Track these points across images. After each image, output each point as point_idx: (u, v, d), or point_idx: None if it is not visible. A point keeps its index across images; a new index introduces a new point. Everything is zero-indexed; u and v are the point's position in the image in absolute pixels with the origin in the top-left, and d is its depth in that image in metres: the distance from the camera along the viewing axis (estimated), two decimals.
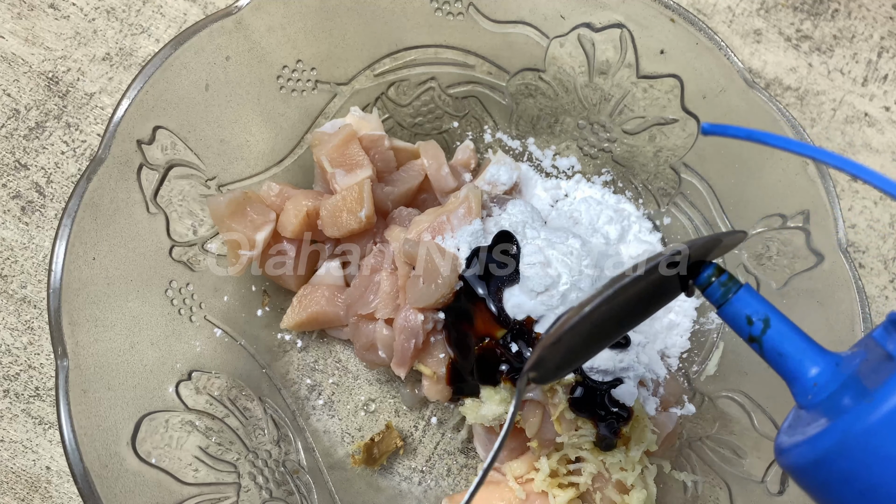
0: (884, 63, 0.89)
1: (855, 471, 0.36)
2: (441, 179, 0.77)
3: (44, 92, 0.83)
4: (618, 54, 0.73)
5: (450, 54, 0.77)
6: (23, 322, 0.77)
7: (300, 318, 0.74)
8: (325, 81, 0.75)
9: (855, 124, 0.88)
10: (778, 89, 0.88)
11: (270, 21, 0.69)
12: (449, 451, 0.77)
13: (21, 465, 0.74)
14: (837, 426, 0.37)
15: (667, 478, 0.72)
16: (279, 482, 0.70)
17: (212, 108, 0.69)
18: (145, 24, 0.85)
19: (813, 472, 0.39)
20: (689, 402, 0.73)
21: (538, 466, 0.68)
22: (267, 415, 0.72)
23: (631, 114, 0.76)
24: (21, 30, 0.84)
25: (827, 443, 0.38)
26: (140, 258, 0.66)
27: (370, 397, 0.78)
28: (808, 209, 0.67)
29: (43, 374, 0.76)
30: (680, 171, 0.76)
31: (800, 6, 0.91)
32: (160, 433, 0.64)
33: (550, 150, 0.83)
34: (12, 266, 0.78)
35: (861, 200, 0.85)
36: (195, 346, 0.69)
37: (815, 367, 0.42)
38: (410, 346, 0.67)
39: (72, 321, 0.60)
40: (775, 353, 0.44)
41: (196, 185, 0.70)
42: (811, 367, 0.42)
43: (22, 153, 0.81)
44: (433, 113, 0.82)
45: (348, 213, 0.71)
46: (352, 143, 0.73)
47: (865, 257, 0.84)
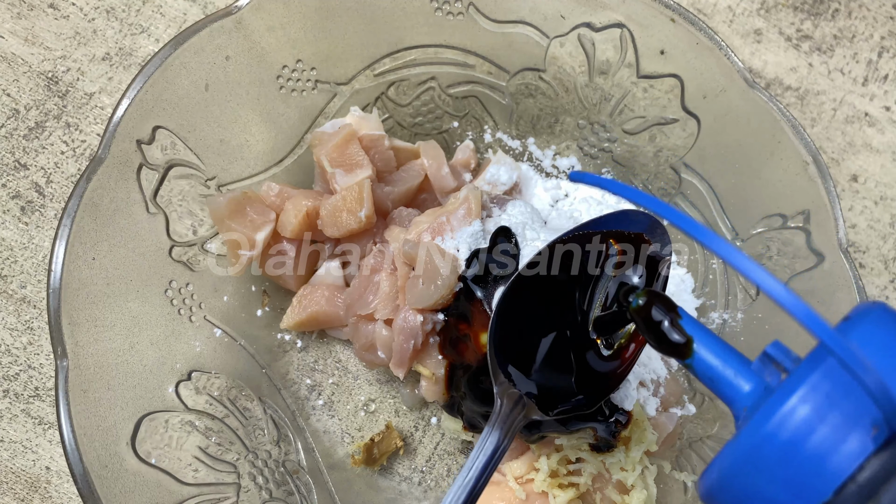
0: (884, 63, 0.89)
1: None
2: (441, 179, 0.77)
3: (43, 92, 0.83)
4: (618, 54, 0.73)
5: (450, 54, 0.77)
6: (22, 322, 0.77)
7: (300, 318, 0.74)
8: (325, 81, 0.75)
9: (855, 124, 0.88)
10: (778, 89, 0.88)
11: (270, 21, 0.69)
12: (449, 452, 0.77)
13: (21, 465, 0.74)
14: (715, 460, 0.39)
15: (667, 478, 0.72)
16: (279, 482, 0.70)
17: (211, 108, 0.69)
18: (145, 24, 0.85)
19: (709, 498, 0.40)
20: (690, 402, 0.73)
21: (538, 466, 0.68)
22: (267, 415, 0.72)
23: (631, 114, 0.76)
24: (21, 30, 0.84)
25: (711, 474, 0.39)
26: (140, 258, 0.66)
27: (370, 397, 0.78)
28: (809, 209, 0.67)
29: (43, 374, 0.76)
30: (680, 171, 0.76)
31: (800, 6, 0.91)
32: (160, 433, 0.64)
33: (550, 150, 0.83)
34: (12, 266, 0.78)
35: (861, 200, 0.85)
36: (195, 346, 0.69)
37: (747, 385, 0.42)
38: (409, 346, 0.67)
39: (71, 321, 0.60)
40: (706, 378, 0.43)
41: (196, 185, 0.70)
42: (744, 386, 0.42)
43: (22, 153, 0.81)
44: (433, 113, 0.81)
45: (348, 213, 0.71)
46: (352, 143, 0.72)
47: (866, 257, 0.84)
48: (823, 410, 0.35)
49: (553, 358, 0.58)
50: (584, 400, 0.58)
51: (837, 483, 0.34)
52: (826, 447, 0.34)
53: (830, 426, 0.34)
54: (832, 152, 0.87)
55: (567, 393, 0.58)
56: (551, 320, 0.58)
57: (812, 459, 0.34)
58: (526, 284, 0.58)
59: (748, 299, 0.73)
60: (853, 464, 0.34)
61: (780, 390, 0.37)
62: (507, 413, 0.54)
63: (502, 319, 0.57)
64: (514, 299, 0.58)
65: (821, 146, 0.86)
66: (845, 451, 0.34)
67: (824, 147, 0.87)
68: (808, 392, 0.36)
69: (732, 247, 0.36)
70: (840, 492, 0.34)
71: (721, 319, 0.75)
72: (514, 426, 0.53)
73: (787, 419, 0.35)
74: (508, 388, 0.55)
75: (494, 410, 0.54)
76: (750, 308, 0.73)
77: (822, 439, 0.34)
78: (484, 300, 0.65)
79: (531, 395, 0.56)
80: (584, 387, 0.58)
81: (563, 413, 0.57)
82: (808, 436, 0.35)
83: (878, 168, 0.86)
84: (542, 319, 0.58)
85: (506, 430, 0.52)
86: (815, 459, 0.34)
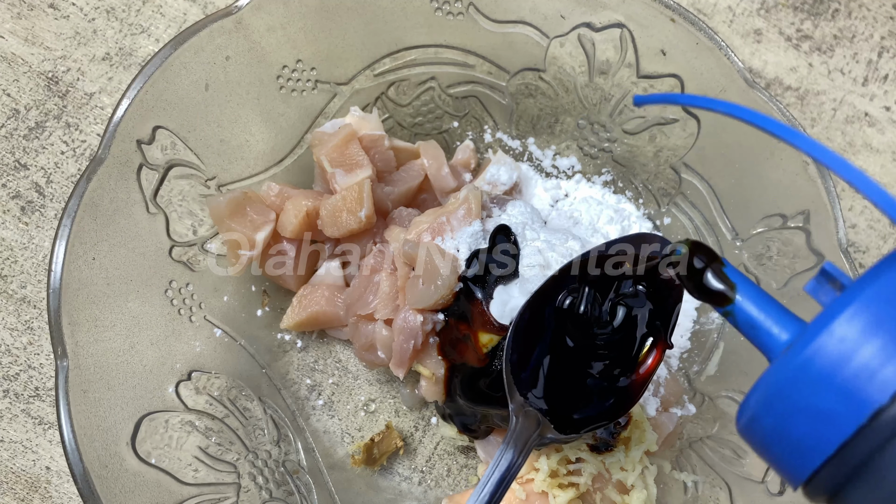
0: (884, 63, 0.89)
1: (775, 425, 0.38)
2: (441, 179, 0.77)
3: (44, 92, 0.83)
4: (618, 54, 0.73)
5: (450, 54, 0.77)
6: (23, 322, 0.77)
7: (300, 318, 0.74)
8: (325, 81, 0.75)
9: (855, 124, 0.88)
10: (778, 89, 0.88)
11: (270, 21, 0.69)
12: (449, 452, 0.77)
13: (21, 465, 0.74)
14: (761, 380, 0.38)
15: (667, 478, 0.72)
16: (279, 482, 0.70)
17: (212, 108, 0.69)
18: (145, 24, 0.85)
19: (749, 429, 0.40)
20: (690, 402, 0.73)
21: (538, 466, 0.68)
22: (267, 415, 0.72)
23: (631, 113, 0.76)
24: (21, 30, 0.84)
25: (754, 395, 0.39)
26: (140, 258, 0.66)
27: (370, 397, 0.78)
28: (809, 209, 0.67)
29: (43, 374, 0.76)
30: (680, 171, 0.76)
31: (800, 6, 0.91)
32: (160, 433, 0.64)
33: (550, 150, 0.83)
34: (12, 266, 0.78)
35: (861, 200, 0.85)
36: (195, 346, 0.69)
37: (786, 334, 0.42)
38: (409, 346, 0.67)
39: (71, 321, 0.60)
40: (747, 326, 0.44)
41: (196, 185, 0.70)
42: (782, 335, 0.42)
43: (22, 153, 0.81)
44: (433, 113, 0.81)
45: (348, 213, 0.71)
46: (352, 143, 0.72)
47: (866, 257, 0.84)
48: (882, 318, 0.35)
49: (568, 376, 0.58)
50: (599, 418, 0.58)
51: (893, 389, 0.33)
52: (884, 354, 0.34)
53: (888, 333, 0.34)
54: None
55: (582, 411, 0.58)
56: (567, 338, 0.58)
57: (868, 366, 0.34)
58: (542, 302, 0.58)
59: None
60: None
61: (838, 301, 0.37)
62: (522, 431, 0.54)
63: (518, 337, 0.57)
64: (530, 317, 0.58)
65: None
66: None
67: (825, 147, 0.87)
68: (869, 299, 0.36)
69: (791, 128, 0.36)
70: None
71: (721, 319, 0.75)
72: (529, 444, 0.53)
73: (843, 326, 0.35)
74: (524, 407, 0.55)
75: (510, 428, 0.54)
76: None
77: (880, 347, 0.34)
78: (484, 300, 0.65)
79: (546, 412, 0.56)
80: (598, 405, 0.58)
81: (577, 431, 0.57)
82: (865, 343, 0.35)
83: (878, 168, 0.86)
84: (558, 337, 0.58)
85: (520, 447, 0.53)
86: (871, 366, 0.34)
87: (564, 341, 0.58)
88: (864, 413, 0.34)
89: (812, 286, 0.41)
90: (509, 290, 0.65)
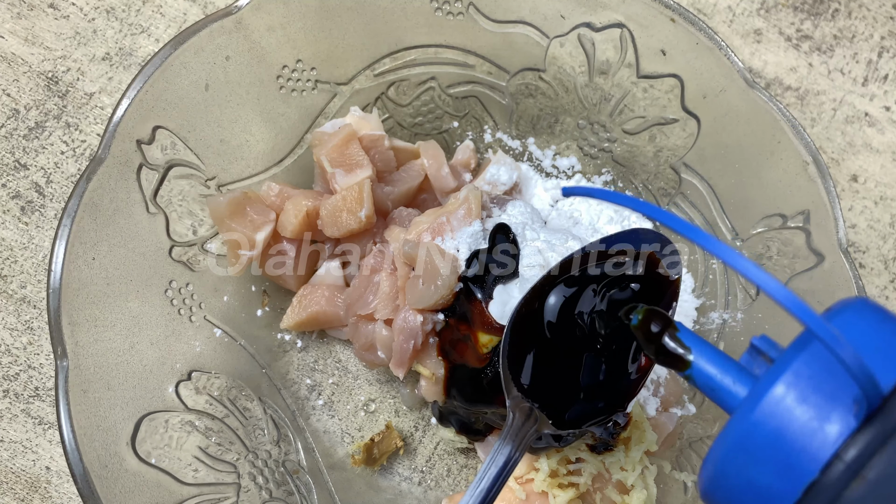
0: (884, 63, 0.89)
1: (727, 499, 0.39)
2: (441, 179, 0.77)
3: (43, 92, 0.83)
4: (618, 54, 0.73)
5: (450, 54, 0.77)
6: (22, 322, 0.77)
7: (300, 318, 0.74)
8: (325, 81, 0.75)
9: (855, 124, 0.88)
10: (778, 89, 0.88)
11: (270, 21, 0.69)
12: (449, 452, 0.77)
13: (21, 465, 0.74)
14: (709, 454, 0.40)
15: (667, 478, 0.72)
16: (279, 482, 0.70)
17: (212, 108, 0.69)
18: (145, 24, 0.85)
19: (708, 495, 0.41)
20: (690, 402, 0.73)
21: (538, 466, 0.68)
22: (267, 415, 0.72)
23: (631, 114, 0.76)
24: (21, 30, 0.84)
25: (706, 468, 0.40)
26: (140, 258, 0.66)
27: (370, 397, 0.78)
28: (809, 209, 0.67)
29: (43, 374, 0.76)
30: (680, 171, 0.76)
31: (800, 6, 0.91)
32: (160, 433, 0.64)
33: (550, 150, 0.83)
34: (12, 266, 0.78)
35: (861, 200, 0.85)
36: (195, 346, 0.69)
37: (744, 391, 0.42)
38: (409, 346, 0.67)
39: (71, 321, 0.60)
40: (707, 388, 0.44)
41: (196, 185, 0.70)
42: (741, 394, 0.42)
43: (21, 153, 0.81)
44: (433, 113, 0.81)
45: (348, 213, 0.71)
46: (352, 143, 0.72)
47: (866, 257, 0.84)
48: (806, 392, 0.36)
49: (566, 372, 0.58)
50: (595, 414, 0.58)
51: (824, 461, 0.34)
52: (811, 427, 0.35)
53: (814, 406, 0.35)
54: (832, 152, 0.87)
55: (579, 406, 0.58)
56: (564, 334, 0.58)
57: (798, 440, 0.35)
58: (540, 298, 0.59)
59: (748, 299, 0.73)
60: (838, 441, 0.34)
61: (765, 377, 0.38)
62: (520, 426, 0.54)
63: (516, 332, 0.57)
64: (527, 313, 0.58)
65: (821, 146, 0.86)
66: (830, 430, 0.35)
67: (824, 147, 0.87)
68: (792, 376, 0.37)
69: (716, 240, 0.36)
70: (827, 469, 0.34)
71: (721, 319, 0.75)
72: (526, 440, 0.53)
73: (772, 403, 0.36)
74: (521, 402, 0.55)
75: (507, 423, 0.54)
76: (750, 308, 0.73)
77: (807, 420, 0.35)
78: (484, 300, 0.64)
79: (543, 408, 0.56)
80: (596, 401, 0.58)
81: (575, 427, 0.57)
82: (794, 418, 0.36)
83: (878, 168, 0.86)
84: (555, 333, 0.58)
85: (517, 443, 0.53)
86: (801, 440, 0.35)
87: (561, 337, 0.58)
88: (798, 488, 0.35)
89: (745, 359, 0.43)
90: (509, 290, 0.65)
